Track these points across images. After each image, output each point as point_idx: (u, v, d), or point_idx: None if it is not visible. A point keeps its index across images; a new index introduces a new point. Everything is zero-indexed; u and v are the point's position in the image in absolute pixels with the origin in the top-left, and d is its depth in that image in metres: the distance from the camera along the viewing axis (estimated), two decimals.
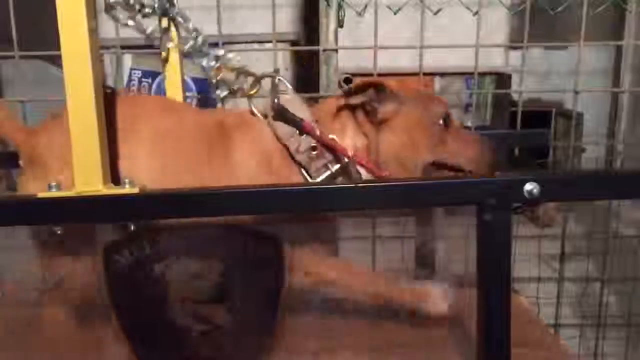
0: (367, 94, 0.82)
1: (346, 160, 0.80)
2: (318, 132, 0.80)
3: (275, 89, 0.86)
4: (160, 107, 0.88)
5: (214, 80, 0.90)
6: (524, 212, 2.09)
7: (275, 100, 0.83)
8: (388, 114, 0.83)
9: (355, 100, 0.83)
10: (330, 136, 0.81)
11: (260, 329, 0.78)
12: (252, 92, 0.89)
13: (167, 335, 0.75)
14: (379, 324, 0.87)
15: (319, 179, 0.80)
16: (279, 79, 0.87)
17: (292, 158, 0.81)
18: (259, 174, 0.81)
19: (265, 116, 0.84)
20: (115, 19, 0.85)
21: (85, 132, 0.67)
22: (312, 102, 0.89)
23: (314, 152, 0.81)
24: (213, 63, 0.89)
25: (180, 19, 0.90)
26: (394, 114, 0.83)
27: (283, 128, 0.82)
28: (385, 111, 0.83)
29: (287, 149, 0.81)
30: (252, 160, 0.82)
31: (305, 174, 0.81)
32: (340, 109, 0.85)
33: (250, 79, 0.90)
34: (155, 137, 0.82)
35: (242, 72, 0.89)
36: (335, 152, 0.81)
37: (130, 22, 0.86)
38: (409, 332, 0.85)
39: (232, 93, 0.90)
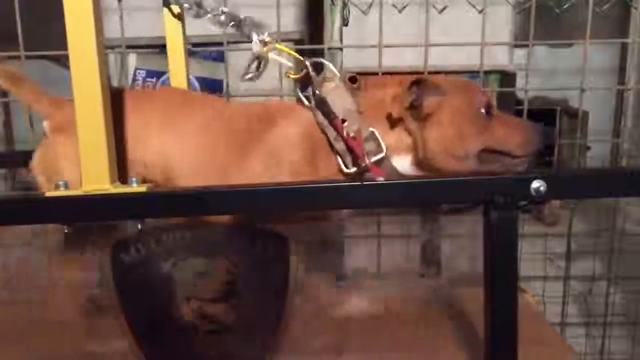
0: (412, 91, 0.80)
1: (363, 165, 0.78)
2: (345, 134, 0.79)
3: (319, 76, 0.84)
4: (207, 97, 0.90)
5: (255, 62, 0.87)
6: (530, 211, 2.10)
7: (317, 92, 0.82)
8: (431, 108, 0.80)
9: (406, 102, 0.80)
10: (370, 129, 0.80)
11: (266, 328, 0.78)
12: (298, 77, 0.86)
13: (174, 333, 0.75)
14: (384, 323, 0.87)
15: (352, 170, 0.80)
16: (326, 65, 0.86)
17: (331, 146, 0.81)
18: (299, 160, 0.82)
19: (310, 101, 0.84)
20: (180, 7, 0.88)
21: (92, 131, 0.68)
22: (358, 90, 0.85)
23: None
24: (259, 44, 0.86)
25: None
26: (437, 107, 0.81)
27: (322, 116, 0.82)
28: (428, 105, 0.80)
29: (327, 136, 0.81)
30: (294, 144, 0.82)
31: (342, 164, 0.81)
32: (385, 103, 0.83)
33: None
34: (202, 127, 0.84)
35: (290, 53, 0.87)
36: (355, 154, 0.79)
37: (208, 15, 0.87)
38: (413, 331, 0.85)
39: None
